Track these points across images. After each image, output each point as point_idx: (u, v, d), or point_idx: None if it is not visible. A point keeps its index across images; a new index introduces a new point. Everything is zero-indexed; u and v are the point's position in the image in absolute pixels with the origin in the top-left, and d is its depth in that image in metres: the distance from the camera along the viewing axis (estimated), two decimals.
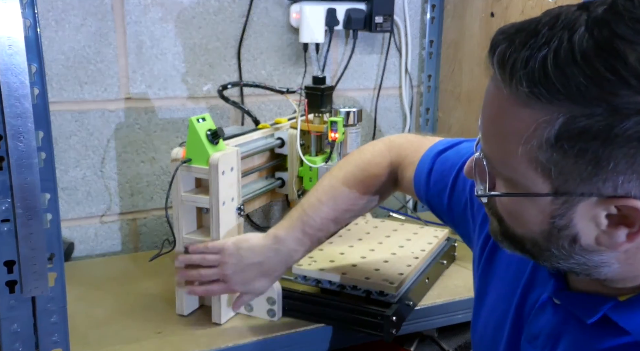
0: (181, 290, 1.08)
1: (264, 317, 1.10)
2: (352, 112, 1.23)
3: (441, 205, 0.92)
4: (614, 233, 0.55)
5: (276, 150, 1.31)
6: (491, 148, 0.59)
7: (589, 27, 0.51)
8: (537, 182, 0.56)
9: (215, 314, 1.08)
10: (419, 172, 0.95)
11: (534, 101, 0.52)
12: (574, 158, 0.52)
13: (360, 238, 1.28)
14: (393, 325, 1.04)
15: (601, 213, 0.55)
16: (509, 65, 0.53)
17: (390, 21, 1.52)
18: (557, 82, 0.51)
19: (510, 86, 0.54)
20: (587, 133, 0.51)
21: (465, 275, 1.28)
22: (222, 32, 1.44)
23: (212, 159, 1.03)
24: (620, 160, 0.51)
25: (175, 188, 1.07)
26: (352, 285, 1.10)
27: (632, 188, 0.52)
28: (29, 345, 0.83)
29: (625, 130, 0.50)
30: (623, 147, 0.50)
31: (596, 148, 0.51)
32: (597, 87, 0.50)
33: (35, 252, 0.79)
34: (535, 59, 0.52)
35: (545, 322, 0.69)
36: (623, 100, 0.49)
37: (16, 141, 0.75)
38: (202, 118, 1.05)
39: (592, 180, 0.53)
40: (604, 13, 0.51)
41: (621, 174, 0.52)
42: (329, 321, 1.09)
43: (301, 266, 1.14)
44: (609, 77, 0.49)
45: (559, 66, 0.51)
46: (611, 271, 0.59)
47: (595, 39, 0.50)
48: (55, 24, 1.29)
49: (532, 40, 0.52)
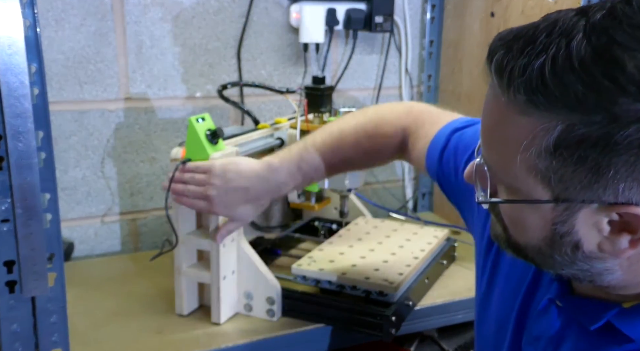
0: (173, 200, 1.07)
1: (264, 317, 1.10)
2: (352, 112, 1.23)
3: (449, 184, 0.91)
4: (617, 240, 0.55)
5: (276, 150, 1.31)
6: (491, 155, 0.59)
7: (587, 33, 0.50)
8: (537, 189, 0.56)
9: (214, 314, 1.08)
10: (433, 146, 0.93)
11: (532, 109, 0.52)
12: (573, 166, 0.52)
13: (360, 238, 1.28)
14: (392, 325, 1.04)
15: (603, 220, 0.55)
16: (506, 73, 0.53)
17: (390, 21, 1.52)
18: (555, 90, 0.50)
19: (508, 94, 0.53)
20: (586, 141, 0.51)
21: (465, 275, 1.28)
22: (222, 32, 1.44)
23: (211, 159, 1.03)
24: (620, 168, 0.51)
25: (172, 188, 1.06)
26: (352, 285, 1.10)
27: (633, 195, 0.52)
28: (29, 345, 0.83)
29: (625, 138, 0.49)
30: (623, 155, 0.50)
31: (596, 156, 0.51)
32: (596, 94, 0.49)
33: (35, 252, 0.79)
34: (532, 66, 0.51)
35: (547, 325, 0.68)
36: (622, 108, 0.49)
37: (16, 141, 0.75)
38: (201, 118, 1.05)
39: (592, 188, 0.53)
40: (602, 19, 0.51)
41: (622, 181, 0.51)
42: (329, 321, 1.09)
43: (301, 266, 1.14)
44: (607, 84, 0.49)
45: (556, 74, 0.50)
46: (614, 279, 0.59)
47: (593, 46, 0.50)
48: (55, 23, 1.29)
49: (529, 48, 0.52)
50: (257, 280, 1.10)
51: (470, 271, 1.30)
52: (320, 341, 1.10)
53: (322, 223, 1.42)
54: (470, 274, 1.32)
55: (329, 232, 1.40)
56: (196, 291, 1.14)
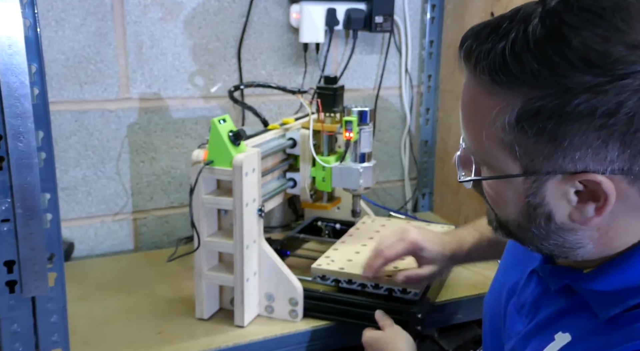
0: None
1: (286, 318, 1.10)
2: (365, 111, 1.22)
3: None
4: (584, 209, 0.60)
5: (287, 150, 1.31)
6: (468, 135, 0.65)
7: (542, 18, 0.56)
8: (508, 163, 0.61)
9: (238, 317, 1.08)
10: None
11: (496, 88, 0.58)
12: (534, 137, 0.58)
13: (372, 236, 1.29)
14: (418, 322, 1.05)
15: (570, 190, 0.60)
16: (473, 57, 0.59)
17: (390, 21, 1.52)
18: (514, 68, 0.57)
19: (475, 76, 0.60)
20: (542, 113, 0.56)
21: (465, 274, 1.28)
22: (222, 32, 1.44)
23: (235, 160, 1.02)
24: (574, 136, 0.56)
25: (195, 191, 1.06)
26: (374, 284, 1.10)
27: (588, 162, 0.57)
28: (29, 345, 0.83)
29: (575, 107, 0.55)
30: (575, 123, 0.55)
31: (552, 127, 0.56)
32: (549, 70, 0.55)
33: (35, 252, 0.79)
34: (495, 50, 0.57)
35: (530, 293, 0.74)
36: (572, 80, 0.54)
37: (16, 141, 0.75)
38: (222, 119, 1.04)
39: (553, 158, 0.58)
40: (556, 4, 0.57)
41: (577, 150, 0.56)
42: (352, 319, 1.09)
43: (320, 266, 1.14)
44: (557, 60, 0.55)
45: (515, 55, 0.56)
46: (587, 253, 0.64)
47: (546, 28, 0.56)
48: (55, 23, 1.29)
49: (493, 34, 0.58)
50: (279, 281, 1.10)
51: (470, 271, 1.30)
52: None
53: (326, 223, 1.42)
54: (470, 274, 1.32)
55: (333, 231, 1.40)
56: (217, 294, 1.13)
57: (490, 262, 1.24)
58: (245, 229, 1.05)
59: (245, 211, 1.04)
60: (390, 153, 1.71)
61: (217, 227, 1.12)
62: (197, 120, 1.45)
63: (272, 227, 1.58)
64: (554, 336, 0.67)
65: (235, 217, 1.04)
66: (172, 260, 1.26)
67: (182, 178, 1.47)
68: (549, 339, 0.67)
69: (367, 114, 1.22)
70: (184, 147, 1.45)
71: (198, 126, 1.46)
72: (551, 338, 0.67)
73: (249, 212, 1.06)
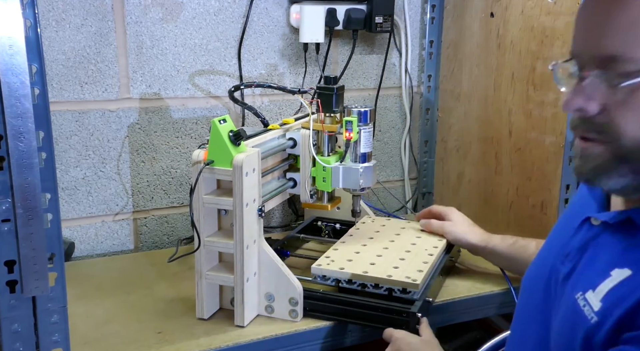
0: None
1: (286, 318, 1.10)
2: (365, 111, 1.22)
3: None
4: None
5: (287, 150, 1.31)
6: (615, 42, 0.63)
7: None
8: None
9: (238, 317, 1.08)
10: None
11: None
12: None
13: (371, 237, 1.29)
14: (418, 322, 1.05)
15: None
16: None
17: (390, 21, 1.53)
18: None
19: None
20: None
21: (465, 274, 1.28)
22: (222, 32, 1.44)
23: (236, 160, 1.02)
24: None
25: (196, 191, 1.06)
26: (374, 283, 1.11)
27: None
28: (30, 344, 0.83)
29: None
30: None
31: None
32: None
33: (36, 251, 0.79)
34: None
35: (577, 240, 0.76)
36: None
37: (17, 141, 0.75)
38: (223, 119, 1.04)
39: None
40: None
41: None
42: (352, 319, 1.09)
43: (321, 266, 1.14)
44: None
45: None
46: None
47: None
48: (56, 24, 1.29)
49: None
50: (279, 281, 1.10)
51: (470, 271, 1.30)
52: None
53: (326, 223, 1.42)
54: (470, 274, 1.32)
55: (333, 231, 1.40)
56: (217, 294, 1.13)
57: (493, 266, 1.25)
58: (246, 229, 1.05)
59: (246, 211, 1.04)
60: (390, 153, 1.71)
61: (217, 227, 1.12)
62: (197, 120, 1.46)
63: (272, 227, 1.59)
64: (609, 272, 0.68)
65: (236, 217, 1.04)
66: (173, 260, 1.26)
67: (182, 178, 1.47)
68: (604, 276, 0.68)
69: (367, 114, 1.22)
70: (184, 147, 1.46)
71: (198, 126, 1.46)
72: (607, 274, 0.68)
73: (249, 212, 1.06)
